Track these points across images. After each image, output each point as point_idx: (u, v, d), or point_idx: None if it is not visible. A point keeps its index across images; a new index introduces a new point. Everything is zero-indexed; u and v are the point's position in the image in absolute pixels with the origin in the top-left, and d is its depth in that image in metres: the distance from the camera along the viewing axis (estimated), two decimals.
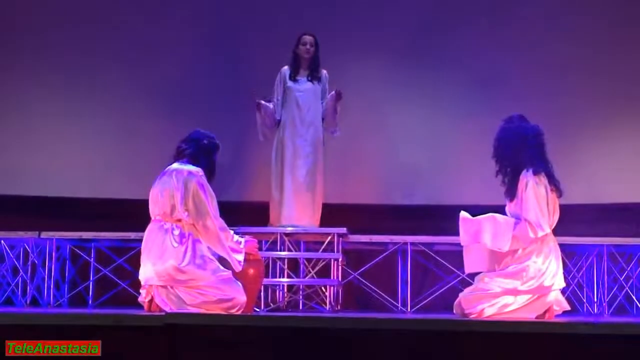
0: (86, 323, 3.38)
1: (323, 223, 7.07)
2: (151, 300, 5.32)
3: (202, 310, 5.21)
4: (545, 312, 5.31)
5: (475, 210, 5.61)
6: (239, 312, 5.26)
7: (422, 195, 7.91)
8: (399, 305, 7.01)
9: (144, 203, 5.70)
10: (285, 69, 7.14)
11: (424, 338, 3.32)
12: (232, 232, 5.49)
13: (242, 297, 5.30)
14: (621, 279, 6.95)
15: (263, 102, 7.03)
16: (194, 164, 5.50)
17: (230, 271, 5.39)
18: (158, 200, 5.44)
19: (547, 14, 8.00)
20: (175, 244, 5.31)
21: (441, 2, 8.13)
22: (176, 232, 5.35)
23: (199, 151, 5.55)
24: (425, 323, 3.39)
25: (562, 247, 5.58)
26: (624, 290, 6.95)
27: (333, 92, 7.06)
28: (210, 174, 5.55)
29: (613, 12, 7.92)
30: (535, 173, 5.32)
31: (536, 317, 5.27)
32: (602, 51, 7.86)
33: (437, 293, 7.06)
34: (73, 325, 3.37)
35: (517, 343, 3.29)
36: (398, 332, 3.33)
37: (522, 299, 5.29)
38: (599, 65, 7.84)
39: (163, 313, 3.41)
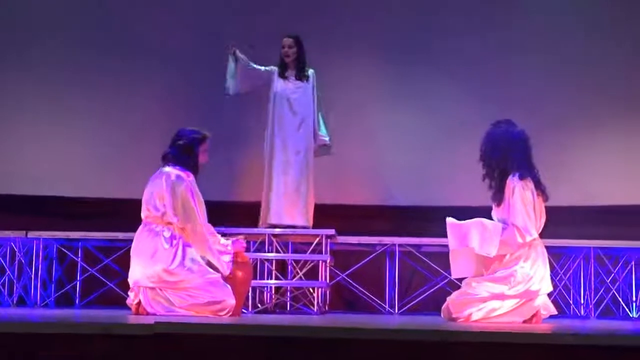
0: (73, 332, 3.36)
1: (313, 223, 7.07)
2: (139, 303, 5.33)
3: (191, 313, 5.22)
4: (532, 316, 5.33)
5: (464, 212, 5.63)
6: (228, 315, 5.27)
7: (412, 196, 7.90)
8: (387, 306, 7.02)
9: (132, 203, 5.70)
10: (275, 69, 7.15)
11: (412, 348, 3.32)
12: (219, 236, 5.50)
13: (231, 300, 5.30)
14: (608, 281, 6.98)
15: (239, 53, 7.00)
16: (181, 166, 5.50)
17: (219, 274, 5.39)
18: (149, 203, 5.44)
19: (538, 19, 8.00)
20: (166, 246, 5.32)
21: (431, 3, 8.12)
22: (166, 234, 5.36)
23: (179, 152, 5.55)
24: (414, 333, 3.39)
25: (550, 249, 5.60)
26: (611, 293, 6.99)
27: (325, 143, 7.13)
28: (195, 171, 5.54)
29: (605, 15, 7.93)
30: (521, 178, 5.35)
31: (523, 322, 5.30)
32: (591, 54, 7.87)
33: (425, 295, 7.08)
34: (59, 334, 3.34)
35: (507, 353, 3.30)
36: (387, 342, 3.33)
37: (510, 304, 5.31)
38: (587, 69, 7.85)
39: (152, 322, 3.39)
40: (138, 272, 5.33)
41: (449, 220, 5.48)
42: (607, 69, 7.82)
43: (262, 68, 7.12)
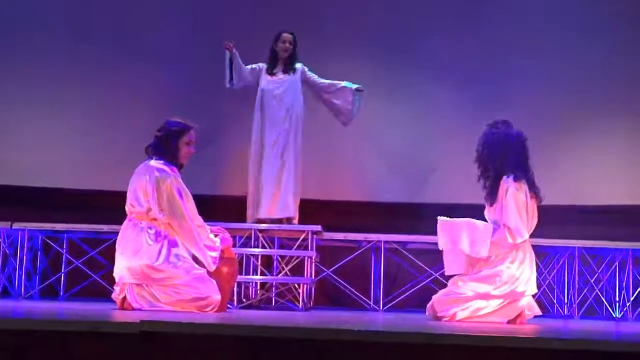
0: (59, 329, 3.34)
1: (299, 219, 7.07)
2: (124, 298, 5.31)
3: (177, 308, 5.20)
4: (517, 316, 5.35)
5: (453, 209, 5.66)
6: (213, 310, 5.26)
7: (401, 193, 7.91)
8: (371, 302, 7.04)
9: (118, 195, 5.67)
10: (263, 65, 7.17)
11: (397, 349, 3.34)
12: (208, 229, 5.47)
13: (216, 296, 5.30)
14: (592, 281, 7.02)
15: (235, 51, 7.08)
16: (164, 160, 5.45)
17: (204, 269, 5.38)
18: (134, 199, 5.41)
19: (534, 19, 8.01)
20: (150, 242, 5.29)
21: (426, 2, 8.12)
22: (151, 230, 5.33)
23: (159, 144, 5.49)
24: (399, 336, 3.40)
25: (535, 248, 5.63)
26: (594, 293, 7.03)
27: (354, 87, 7.13)
28: (176, 163, 5.48)
29: (602, 13, 7.96)
30: (516, 179, 5.36)
31: (508, 322, 5.32)
32: (583, 54, 7.90)
33: (410, 292, 7.09)
34: (43, 331, 3.32)
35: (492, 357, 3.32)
36: (373, 344, 3.35)
37: (495, 304, 5.34)
38: (580, 69, 7.87)
39: (138, 320, 3.38)
40: (123, 268, 5.31)
41: (441, 219, 5.49)
42: (600, 69, 7.84)
43: (249, 67, 7.15)
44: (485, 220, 5.51)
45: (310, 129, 7.27)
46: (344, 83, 7.21)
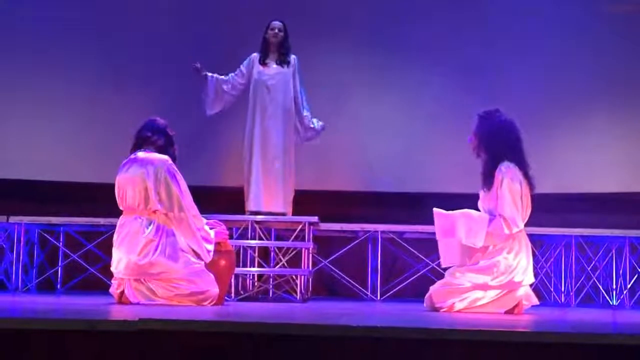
0: (55, 328, 3.33)
1: (295, 209, 7.07)
2: (122, 292, 5.30)
3: (175, 303, 5.20)
4: (514, 306, 5.36)
5: (448, 199, 5.67)
6: (212, 304, 5.26)
7: (395, 183, 7.91)
8: (369, 293, 7.04)
9: (112, 188, 5.66)
10: (255, 55, 7.15)
11: (394, 344, 3.33)
12: (204, 220, 5.47)
13: (214, 289, 5.30)
14: (588, 269, 7.03)
15: (208, 73, 7.14)
16: (160, 153, 5.45)
17: (202, 263, 5.37)
18: (128, 191, 5.38)
19: (528, 17, 7.99)
20: (148, 237, 5.26)
21: None
22: (150, 225, 5.30)
23: (167, 142, 5.52)
24: (399, 331, 3.40)
25: (531, 237, 5.64)
26: (591, 281, 7.04)
27: (321, 126, 7.17)
28: (174, 160, 5.52)
29: (586, 6, 7.94)
30: (511, 168, 5.36)
31: (505, 312, 5.33)
32: (577, 44, 7.88)
33: (407, 281, 7.10)
34: (40, 330, 3.31)
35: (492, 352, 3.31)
36: (374, 339, 3.34)
37: (492, 294, 5.35)
38: (572, 59, 7.86)
39: (137, 318, 3.37)
40: (120, 262, 5.30)
41: (436, 210, 5.49)
42: (593, 58, 7.82)
43: (236, 72, 7.17)
44: (479, 210, 5.51)
45: None
46: (312, 124, 7.20)
